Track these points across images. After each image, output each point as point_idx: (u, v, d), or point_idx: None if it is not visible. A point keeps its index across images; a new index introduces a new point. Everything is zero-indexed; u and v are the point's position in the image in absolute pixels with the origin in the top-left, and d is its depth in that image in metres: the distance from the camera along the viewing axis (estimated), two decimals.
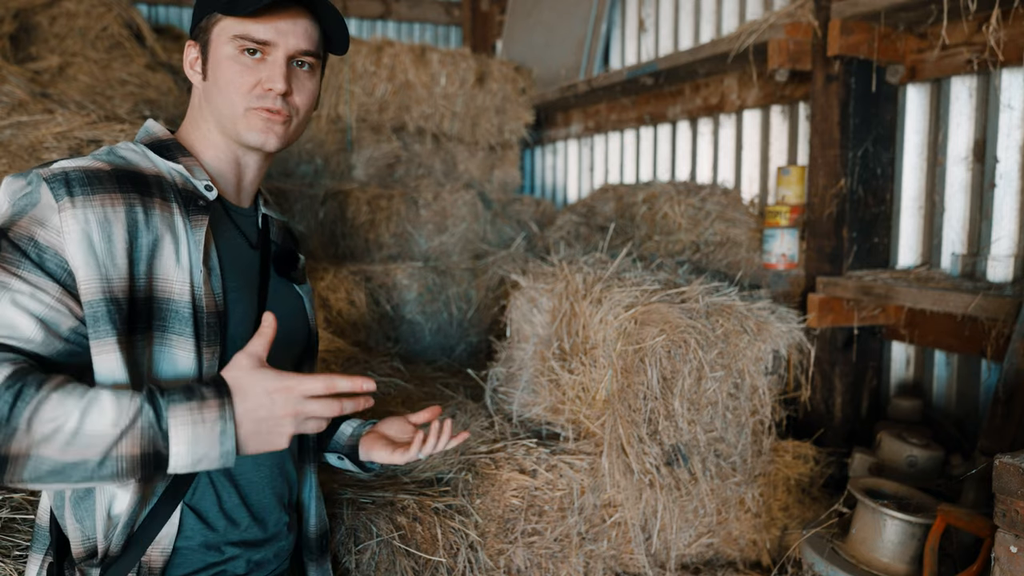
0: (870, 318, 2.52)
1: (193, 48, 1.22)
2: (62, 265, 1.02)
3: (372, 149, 3.91)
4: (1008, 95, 2.25)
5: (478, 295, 3.21)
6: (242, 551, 1.22)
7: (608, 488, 2.10)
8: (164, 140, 1.21)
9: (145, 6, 5.10)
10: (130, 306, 1.06)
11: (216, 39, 1.18)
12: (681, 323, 2.02)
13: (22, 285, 1.00)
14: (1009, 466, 1.27)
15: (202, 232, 1.14)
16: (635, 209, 3.26)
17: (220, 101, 1.18)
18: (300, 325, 1.37)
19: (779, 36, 2.56)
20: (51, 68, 3.75)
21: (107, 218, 1.05)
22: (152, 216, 1.09)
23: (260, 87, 1.17)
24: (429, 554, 1.83)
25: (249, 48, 1.16)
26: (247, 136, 1.19)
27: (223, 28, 1.16)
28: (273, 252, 1.33)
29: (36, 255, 1.01)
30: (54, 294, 1.01)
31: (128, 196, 1.08)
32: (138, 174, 1.12)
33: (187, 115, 1.26)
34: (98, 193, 1.05)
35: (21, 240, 1.02)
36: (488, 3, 5.62)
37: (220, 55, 1.17)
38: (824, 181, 2.56)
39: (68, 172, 1.05)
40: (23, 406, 0.92)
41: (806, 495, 2.39)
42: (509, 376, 2.38)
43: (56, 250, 1.02)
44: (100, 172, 1.07)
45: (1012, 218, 2.27)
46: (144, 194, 1.10)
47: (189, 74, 1.23)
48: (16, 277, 1.00)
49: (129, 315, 1.06)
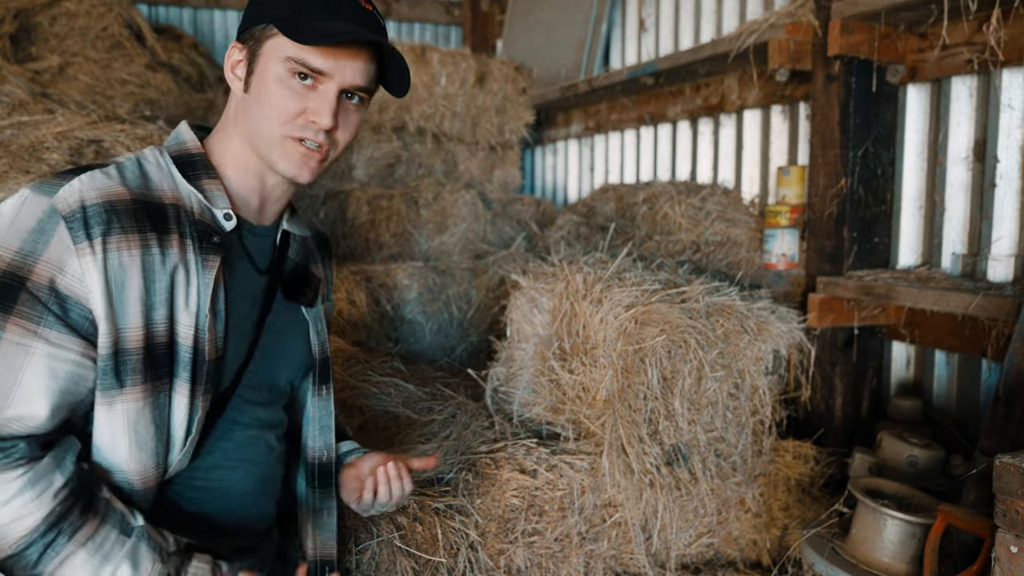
0: (870, 318, 2.52)
1: (239, 52, 1.14)
2: (85, 315, 0.99)
3: (372, 149, 3.90)
4: (1008, 95, 2.25)
5: (478, 295, 3.21)
6: None
7: (608, 488, 2.10)
8: (193, 155, 1.15)
9: (145, 6, 5.10)
10: (146, 354, 1.03)
11: (268, 54, 1.10)
12: (681, 323, 2.02)
13: (45, 347, 0.97)
14: (1009, 466, 1.27)
15: (212, 275, 1.09)
16: (635, 209, 3.25)
17: (259, 120, 1.12)
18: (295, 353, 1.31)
19: (779, 36, 2.56)
20: (51, 68, 3.75)
21: (122, 263, 1.01)
22: (168, 256, 1.05)
23: (304, 117, 1.11)
24: (429, 554, 1.83)
25: (301, 73, 1.09)
26: (280, 164, 1.14)
27: (278, 45, 1.09)
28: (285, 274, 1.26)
29: (58, 307, 0.98)
30: (78, 350, 0.99)
31: (145, 236, 1.03)
32: (157, 206, 1.06)
33: (220, 123, 1.20)
34: (115, 234, 1.01)
35: (41, 292, 0.97)
36: (488, 3, 5.62)
37: (269, 73, 1.10)
38: (824, 181, 2.56)
39: (87, 208, 1.00)
40: (52, 555, 0.95)
41: (806, 495, 2.39)
42: (509, 376, 2.38)
43: (78, 299, 0.99)
44: (119, 204, 1.02)
45: (1012, 218, 2.27)
46: (161, 231, 1.05)
47: (229, 78, 1.16)
48: (38, 338, 0.97)
49: (144, 365, 1.03)
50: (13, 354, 0.96)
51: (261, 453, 1.25)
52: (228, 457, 1.19)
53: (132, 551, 1.00)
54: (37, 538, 0.95)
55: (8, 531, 0.95)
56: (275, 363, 1.26)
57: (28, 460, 0.95)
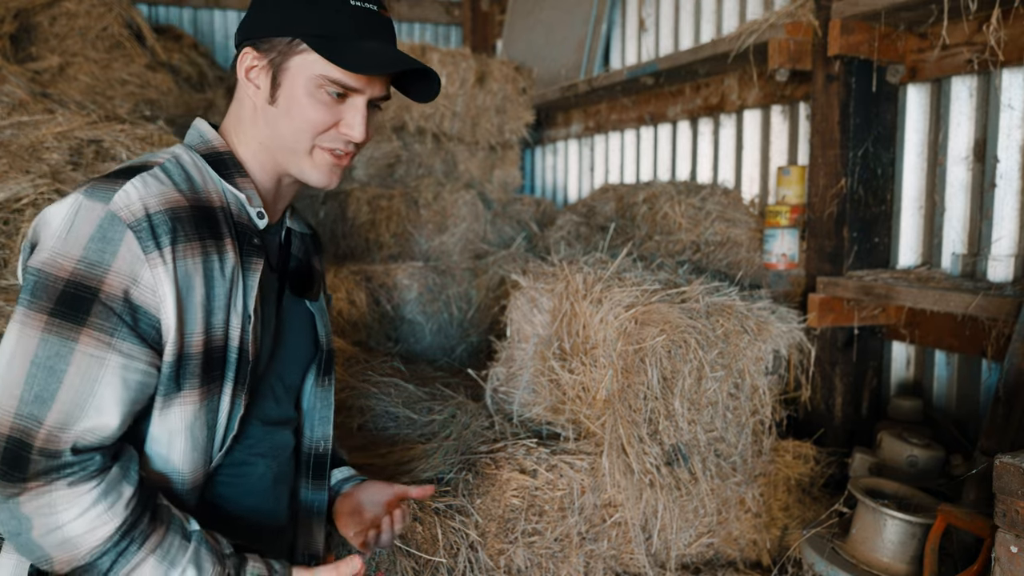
0: (870, 318, 2.52)
1: (257, 60, 1.11)
2: (154, 325, 1.01)
3: (372, 149, 3.91)
4: (1008, 95, 2.25)
5: (478, 295, 3.21)
6: None
7: (608, 488, 2.10)
8: (222, 154, 1.15)
9: (145, 6, 5.10)
10: (205, 359, 1.05)
11: (296, 69, 1.09)
12: (681, 323, 2.02)
13: (118, 359, 0.98)
14: (1009, 466, 1.27)
15: (256, 277, 1.11)
16: (635, 209, 3.25)
17: (288, 133, 1.12)
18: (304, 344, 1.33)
19: (779, 36, 2.56)
20: (51, 68, 3.75)
21: (188, 271, 1.02)
22: (226, 262, 1.07)
23: (336, 130, 1.12)
24: (429, 554, 1.83)
25: (335, 91, 1.10)
26: (309, 174, 1.15)
27: (310, 63, 1.08)
28: (290, 271, 1.28)
29: (131, 318, 0.99)
30: (147, 360, 1.01)
31: (205, 243, 1.05)
32: (210, 210, 1.08)
33: (233, 125, 1.18)
34: (180, 243, 1.02)
35: (115, 303, 0.98)
36: (488, 3, 5.62)
37: (299, 89, 1.09)
38: (824, 181, 2.55)
39: (152, 216, 1.00)
40: (124, 563, 0.98)
41: (806, 495, 2.39)
42: (509, 376, 2.38)
43: (149, 310, 1.00)
44: (181, 212, 1.03)
45: (1012, 218, 2.27)
46: (217, 237, 1.07)
47: (243, 83, 1.13)
48: (112, 350, 0.98)
49: (203, 368, 1.05)
50: (87, 366, 0.97)
51: (278, 449, 1.28)
52: (250, 454, 1.21)
53: (195, 555, 1.03)
54: (111, 547, 0.98)
55: (82, 541, 0.97)
56: (289, 359, 1.28)
57: (100, 471, 0.98)
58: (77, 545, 0.97)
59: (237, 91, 1.18)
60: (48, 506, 0.96)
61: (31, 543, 0.97)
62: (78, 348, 0.96)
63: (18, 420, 0.95)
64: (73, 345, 0.96)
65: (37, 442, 0.95)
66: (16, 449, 0.95)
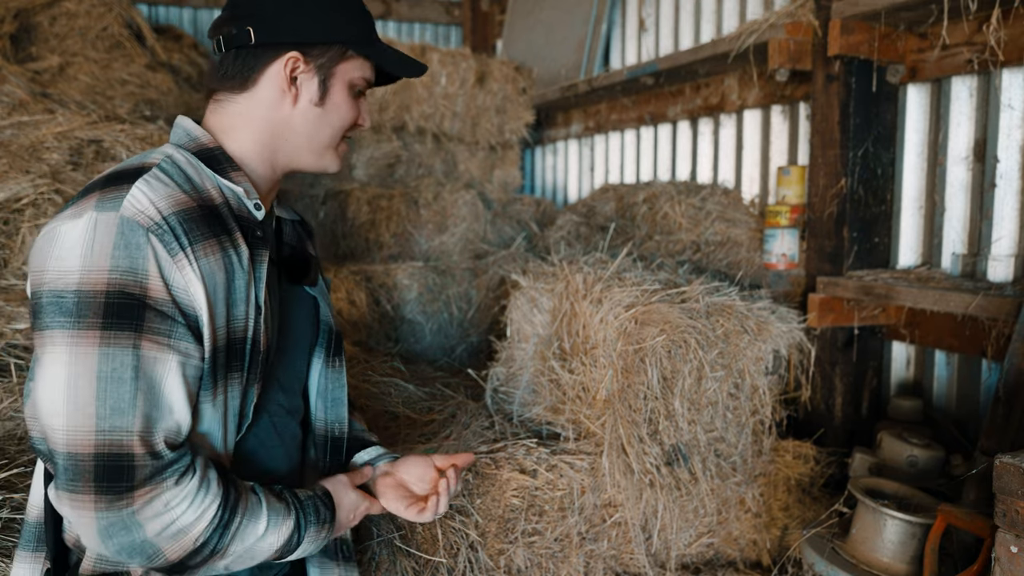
0: (870, 318, 2.52)
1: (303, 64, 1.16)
2: (195, 323, 1.04)
3: (372, 149, 3.90)
4: (1008, 95, 2.25)
5: (478, 295, 3.21)
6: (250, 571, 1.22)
7: (608, 488, 2.10)
8: (212, 149, 1.16)
9: (145, 6, 5.10)
10: (228, 349, 1.09)
11: (341, 74, 1.20)
12: (681, 323, 2.02)
13: (178, 357, 1.02)
14: (1009, 466, 1.27)
15: (264, 269, 1.14)
16: (635, 209, 3.25)
17: (327, 131, 1.22)
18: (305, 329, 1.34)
19: (779, 36, 2.56)
20: (51, 68, 3.75)
21: (211, 268, 1.06)
22: (242, 256, 1.11)
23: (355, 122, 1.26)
24: (429, 554, 1.83)
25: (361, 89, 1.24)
26: (331, 164, 1.26)
27: (352, 67, 1.21)
28: (285, 259, 1.30)
29: (182, 318, 1.02)
30: (198, 355, 1.05)
31: (221, 240, 1.08)
32: (215, 208, 1.10)
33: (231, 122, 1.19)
34: (200, 241, 1.04)
35: (165, 306, 1.00)
36: (488, 3, 5.62)
37: (343, 91, 1.21)
38: (824, 181, 2.56)
39: (167, 219, 1.01)
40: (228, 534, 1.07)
41: (806, 495, 2.39)
42: (509, 376, 2.38)
43: (187, 307, 1.03)
44: (192, 212, 1.05)
45: (1012, 218, 2.27)
46: (229, 233, 1.10)
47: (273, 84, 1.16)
48: (172, 351, 1.01)
49: (227, 359, 1.09)
50: (153, 369, 1.00)
51: (288, 439, 1.30)
52: (263, 444, 1.24)
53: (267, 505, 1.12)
54: (218, 523, 1.05)
55: (193, 528, 1.04)
56: (291, 347, 1.30)
57: (192, 462, 1.05)
58: (188, 532, 1.03)
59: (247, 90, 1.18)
60: (163, 506, 1.01)
61: (144, 545, 1.01)
62: (142, 354, 0.98)
63: (102, 436, 0.97)
64: (137, 352, 0.98)
65: (136, 449, 0.98)
66: (112, 463, 0.97)
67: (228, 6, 1.19)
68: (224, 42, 1.16)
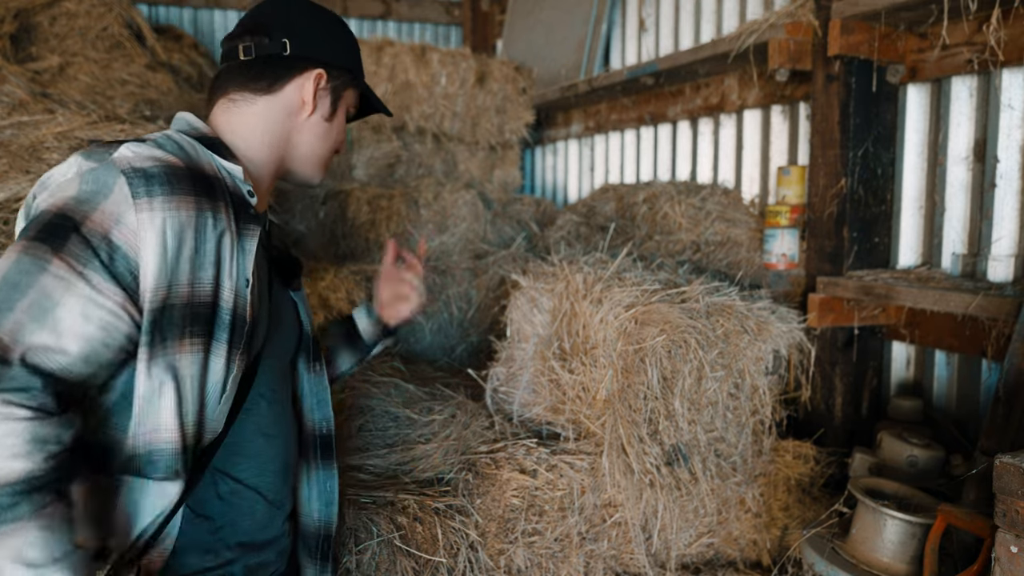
0: (870, 318, 2.52)
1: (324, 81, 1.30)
2: (131, 269, 1.01)
3: (372, 149, 3.90)
4: (1008, 95, 2.25)
5: (478, 295, 3.21)
6: (240, 554, 1.23)
7: (608, 488, 2.10)
8: (209, 136, 1.22)
9: (145, 6, 5.10)
10: (190, 311, 1.07)
11: (348, 97, 1.37)
12: (681, 323, 2.02)
13: (85, 288, 0.98)
14: (1009, 466, 1.27)
15: (254, 243, 1.18)
16: (635, 209, 3.25)
17: (327, 145, 1.35)
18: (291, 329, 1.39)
19: (779, 36, 2.56)
20: (51, 68, 3.75)
21: (180, 222, 1.05)
22: (219, 222, 1.11)
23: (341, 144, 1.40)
24: (429, 554, 1.83)
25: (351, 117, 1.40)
26: (315, 176, 1.37)
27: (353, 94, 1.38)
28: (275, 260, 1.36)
29: (107, 255, 1.00)
30: (116, 300, 1.00)
31: (200, 200, 1.08)
32: (205, 175, 1.12)
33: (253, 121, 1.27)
34: (175, 194, 1.05)
35: (94, 237, 0.99)
36: (488, 3, 5.62)
37: (343, 113, 1.37)
38: (824, 181, 2.55)
39: (148, 169, 1.04)
40: (6, 516, 0.89)
41: (806, 495, 2.39)
42: (509, 376, 2.38)
43: (127, 251, 1.01)
44: (176, 169, 1.07)
45: (1012, 218, 2.27)
46: (212, 198, 1.11)
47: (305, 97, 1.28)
48: (81, 278, 0.98)
49: (185, 320, 1.07)
50: (53, 286, 0.96)
51: (286, 429, 1.32)
52: (261, 430, 1.25)
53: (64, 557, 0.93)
54: (7, 490, 0.89)
55: None
56: (284, 339, 1.35)
57: (41, 406, 0.93)
58: None
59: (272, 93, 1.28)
60: None
61: None
62: (48, 268, 0.97)
63: None
64: (44, 266, 0.97)
65: None
66: None
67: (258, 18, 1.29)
68: (256, 49, 1.26)
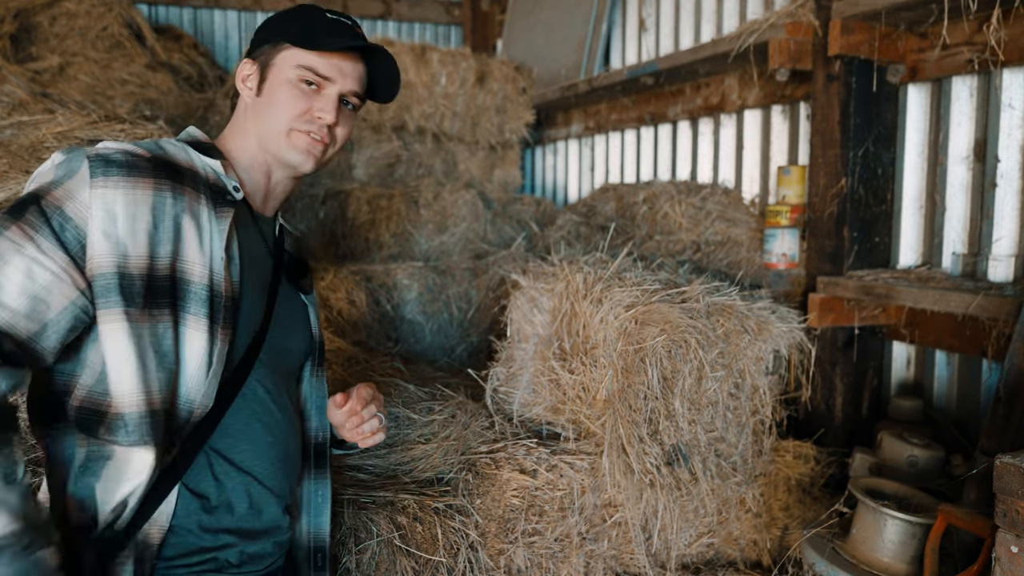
0: (871, 318, 2.52)
1: (249, 66, 1.33)
2: (79, 239, 1.09)
3: (372, 149, 3.90)
4: (1009, 95, 2.25)
5: (478, 295, 3.21)
6: (236, 540, 1.24)
7: (608, 488, 2.10)
8: (204, 142, 1.31)
9: (145, 6, 5.09)
10: (148, 283, 1.13)
11: (280, 63, 1.30)
12: (682, 323, 2.02)
13: (33, 250, 1.06)
14: (1010, 466, 1.27)
15: (227, 223, 1.22)
16: (635, 209, 3.25)
17: (269, 117, 1.30)
18: (302, 332, 1.43)
19: (780, 36, 2.56)
20: (51, 68, 3.75)
21: (135, 200, 1.12)
22: (180, 202, 1.17)
23: (310, 114, 1.30)
24: (429, 554, 1.83)
25: (308, 80, 1.29)
26: (288, 155, 1.31)
27: (290, 56, 1.29)
28: (286, 260, 1.41)
29: (59, 224, 1.08)
30: (61, 264, 1.08)
31: (159, 182, 1.16)
32: (174, 164, 1.20)
33: (229, 126, 1.38)
34: (132, 176, 1.13)
35: (49, 208, 1.09)
36: (488, 3, 5.62)
37: (280, 78, 1.30)
38: (825, 181, 2.55)
39: (110, 155, 1.14)
40: None
41: (807, 495, 2.39)
42: (509, 376, 2.38)
43: (78, 222, 1.09)
44: (140, 158, 1.16)
45: (1013, 218, 2.27)
46: (176, 181, 1.18)
47: (240, 88, 1.34)
48: (31, 241, 1.06)
49: (146, 291, 1.13)
50: (4, 248, 1.06)
51: (284, 423, 1.33)
52: (258, 417, 1.27)
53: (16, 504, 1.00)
54: None
55: None
56: (288, 337, 1.37)
57: None
58: None
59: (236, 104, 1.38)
60: None
61: None
62: (4, 233, 1.06)
63: None
64: (1, 231, 1.07)
65: None
66: None
67: None
68: None
